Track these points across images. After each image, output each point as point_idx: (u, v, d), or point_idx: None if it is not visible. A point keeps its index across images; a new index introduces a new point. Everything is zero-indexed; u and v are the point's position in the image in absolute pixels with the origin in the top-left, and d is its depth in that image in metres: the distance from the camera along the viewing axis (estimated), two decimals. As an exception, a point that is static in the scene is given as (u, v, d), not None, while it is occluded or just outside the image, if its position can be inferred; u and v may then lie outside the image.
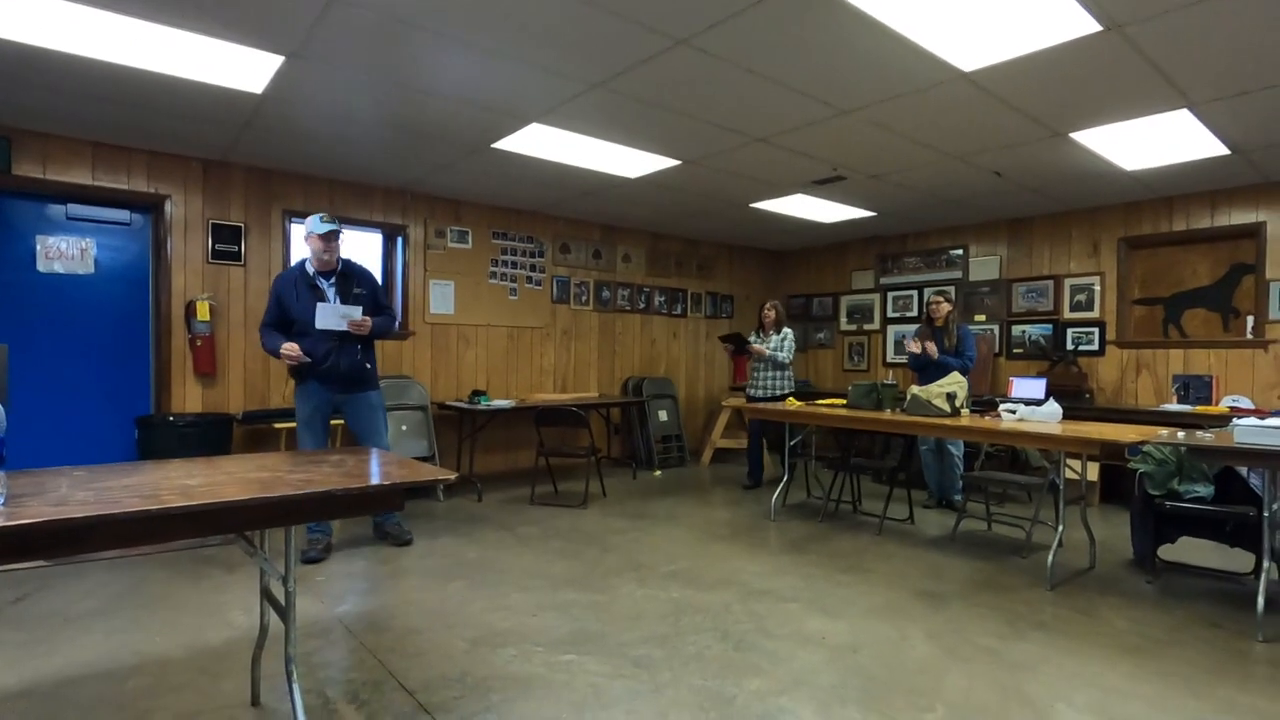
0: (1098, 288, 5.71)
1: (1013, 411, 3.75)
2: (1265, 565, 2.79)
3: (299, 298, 3.52)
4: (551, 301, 6.38)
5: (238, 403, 4.70)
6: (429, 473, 1.98)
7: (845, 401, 4.59)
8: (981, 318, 6.40)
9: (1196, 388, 5.11)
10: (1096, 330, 5.70)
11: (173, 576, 3.26)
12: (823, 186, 5.16)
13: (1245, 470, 3.17)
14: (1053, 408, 3.65)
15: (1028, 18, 2.63)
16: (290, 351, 3.42)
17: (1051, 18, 2.63)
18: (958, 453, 4.78)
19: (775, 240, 7.60)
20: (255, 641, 2.13)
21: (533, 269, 6.23)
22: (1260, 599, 2.73)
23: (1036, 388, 5.38)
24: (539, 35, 2.82)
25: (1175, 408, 4.97)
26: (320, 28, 2.76)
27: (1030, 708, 2.13)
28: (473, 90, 3.40)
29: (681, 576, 3.36)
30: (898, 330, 7.06)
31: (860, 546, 3.93)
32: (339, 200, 5.12)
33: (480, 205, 5.86)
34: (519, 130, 3.96)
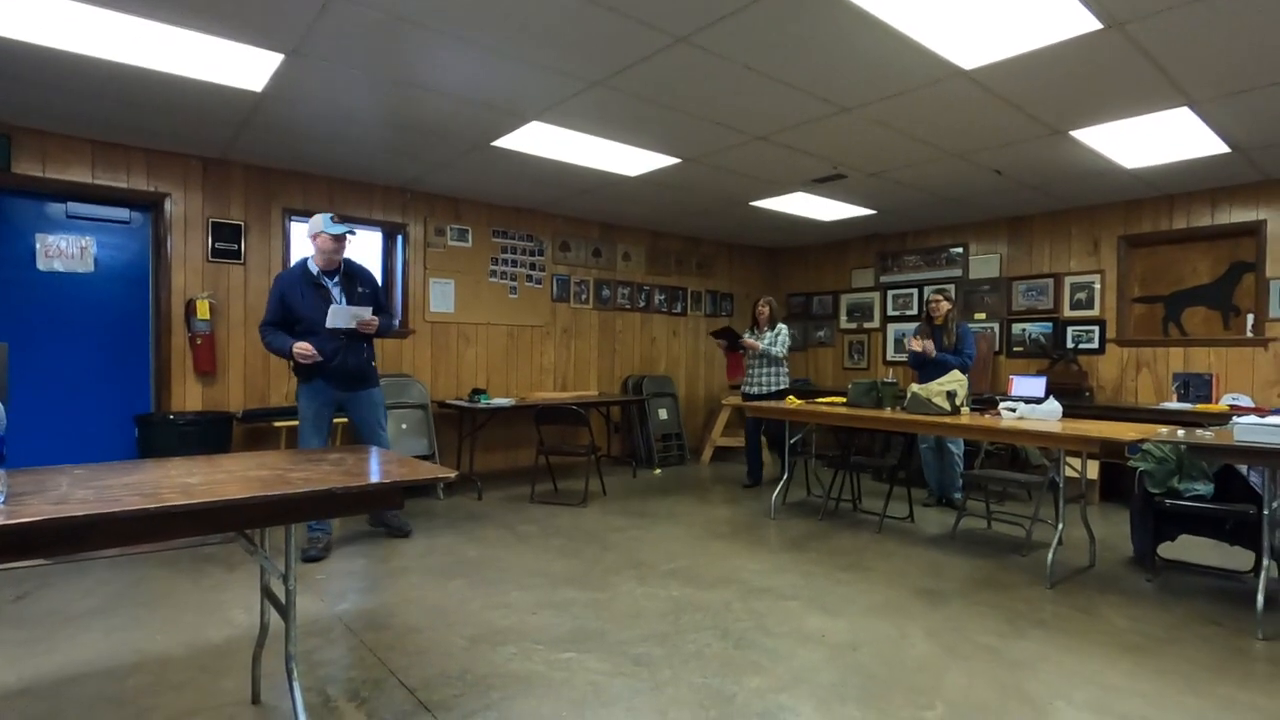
0: (1098, 286, 5.71)
1: (1013, 410, 3.75)
2: (1265, 563, 2.79)
3: (304, 297, 3.53)
4: (551, 300, 6.37)
5: (238, 401, 4.70)
6: (429, 471, 1.98)
7: (845, 400, 4.59)
8: (981, 316, 6.40)
9: (1196, 386, 5.11)
10: (1096, 328, 5.70)
11: (173, 575, 3.27)
12: (823, 184, 5.15)
13: (1245, 468, 3.17)
14: (1053, 406, 3.66)
15: (1028, 15, 2.63)
16: (306, 351, 3.44)
17: (1052, 15, 2.63)
18: (958, 451, 4.78)
19: (775, 238, 7.59)
20: (256, 639, 2.13)
21: (533, 267, 6.22)
22: (1260, 597, 2.74)
23: (1036, 386, 5.38)
24: (539, 33, 2.82)
25: (1175, 406, 4.97)
26: (320, 26, 2.76)
27: (1030, 705, 2.13)
28: (472, 88, 3.39)
29: (681, 574, 3.36)
30: (898, 329, 7.06)
31: (860, 545, 3.93)
32: (339, 198, 5.12)
33: (480, 203, 5.86)
34: (519, 128, 3.95)
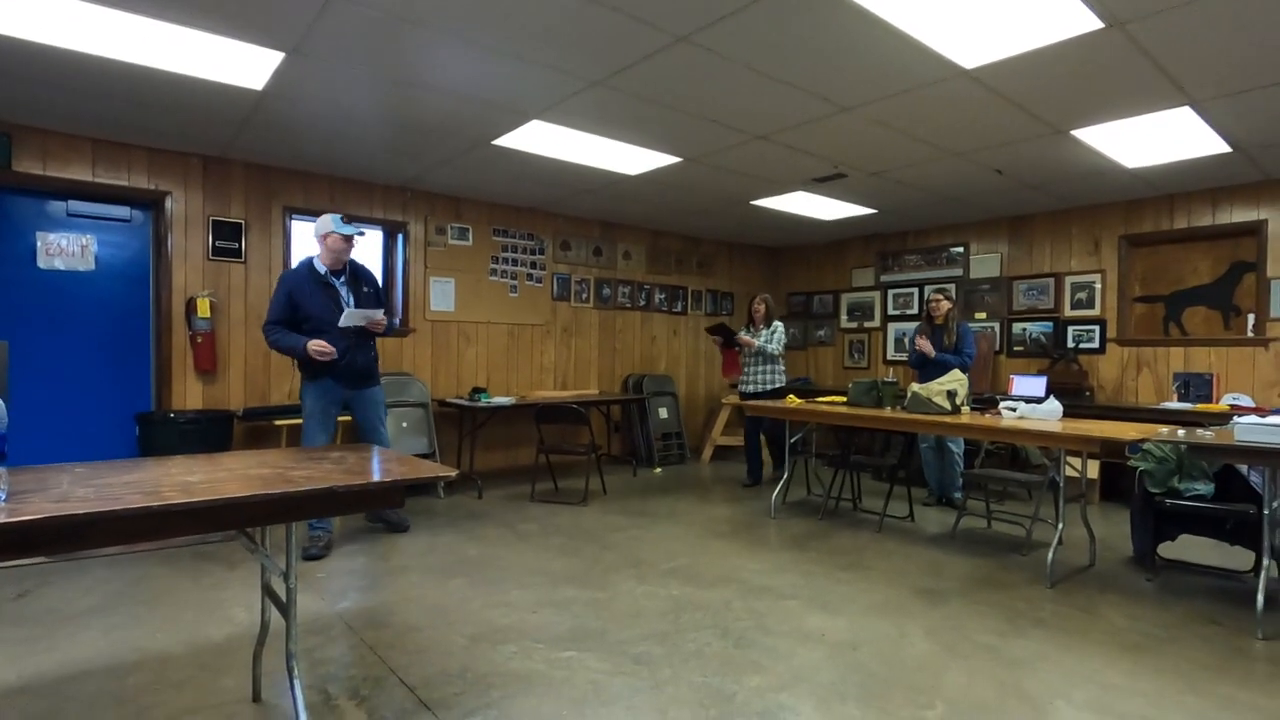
0: (1098, 285, 5.70)
1: (1013, 409, 3.75)
2: (1265, 563, 2.79)
3: (313, 296, 3.56)
4: (552, 299, 6.37)
5: (238, 399, 4.70)
6: (429, 470, 1.98)
7: (845, 399, 4.59)
8: (982, 315, 6.40)
9: (1197, 386, 5.10)
10: (1097, 328, 5.70)
11: (173, 573, 3.27)
12: (823, 184, 5.15)
13: (1245, 468, 3.17)
14: (1053, 405, 3.65)
15: (1030, 15, 2.63)
16: (325, 348, 3.47)
17: (1053, 15, 2.62)
18: (958, 450, 4.78)
19: (775, 237, 7.59)
20: (256, 638, 2.13)
21: (533, 266, 6.22)
22: (1260, 596, 2.74)
23: (1037, 385, 5.38)
24: (539, 32, 2.82)
25: (1176, 406, 4.97)
26: (320, 24, 2.76)
27: (1029, 704, 2.13)
28: (473, 87, 3.39)
29: (681, 574, 3.37)
30: (898, 328, 7.06)
31: (860, 544, 3.93)
32: (339, 197, 5.12)
33: (481, 202, 5.86)
34: (519, 127, 3.95)
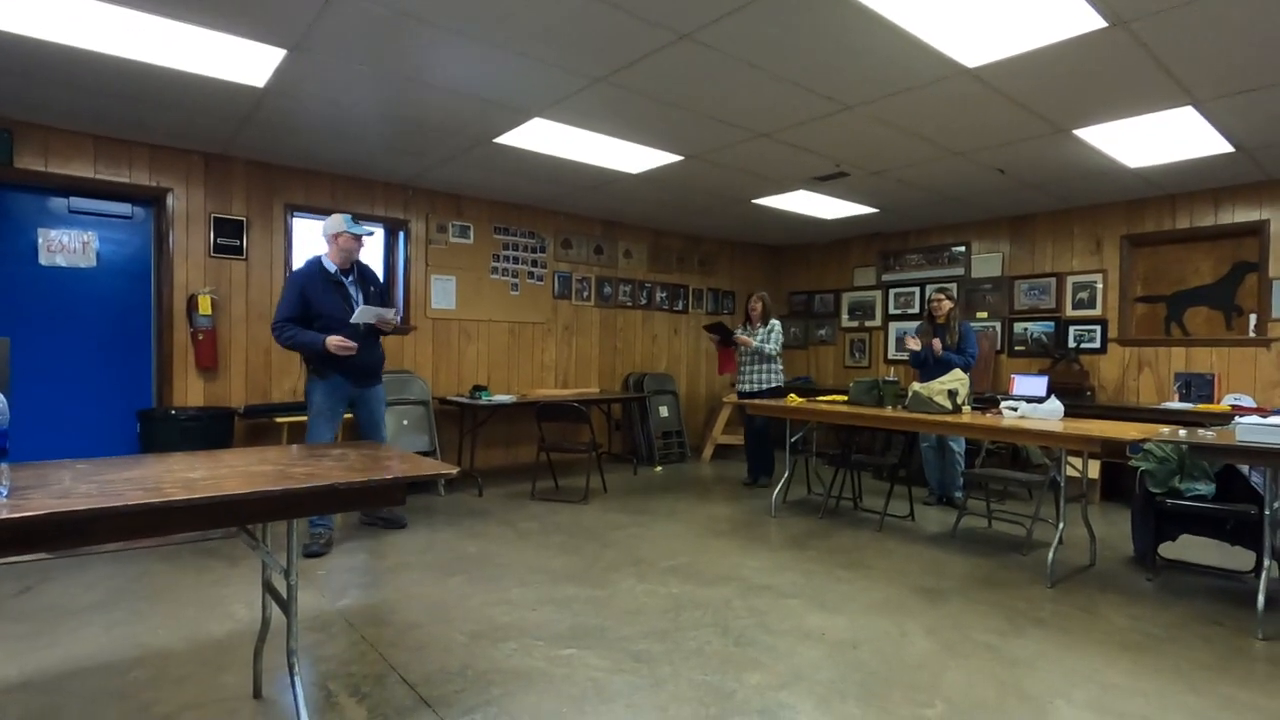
0: (1100, 285, 5.70)
1: (1014, 409, 3.75)
2: (1266, 563, 2.79)
3: (324, 294, 3.61)
4: (553, 297, 6.37)
5: (239, 397, 4.70)
6: (430, 467, 1.98)
7: (846, 398, 4.59)
8: (984, 315, 6.39)
9: (1198, 386, 5.10)
10: (1098, 328, 5.69)
11: (175, 570, 3.27)
12: (825, 183, 5.15)
13: (1246, 468, 3.17)
14: (1054, 405, 3.65)
15: (1033, 13, 2.62)
16: (346, 344, 3.51)
17: (1056, 14, 2.62)
18: (959, 450, 4.78)
19: (777, 236, 7.59)
20: (257, 634, 2.13)
21: (534, 264, 6.22)
22: (1260, 597, 2.73)
23: (1038, 385, 5.38)
24: (541, 29, 2.81)
25: (1177, 406, 4.96)
26: (322, 21, 2.76)
27: (1029, 704, 2.13)
28: (475, 85, 3.39)
29: (682, 572, 3.37)
30: (899, 327, 7.05)
31: (860, 543, 3.93)
32: (341, 194, 5.12)
33: (482, 200, 5.85)
34: (521, 125, 3.95)
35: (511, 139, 4.19)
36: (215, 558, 3.44)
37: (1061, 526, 3.38)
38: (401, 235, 5.49)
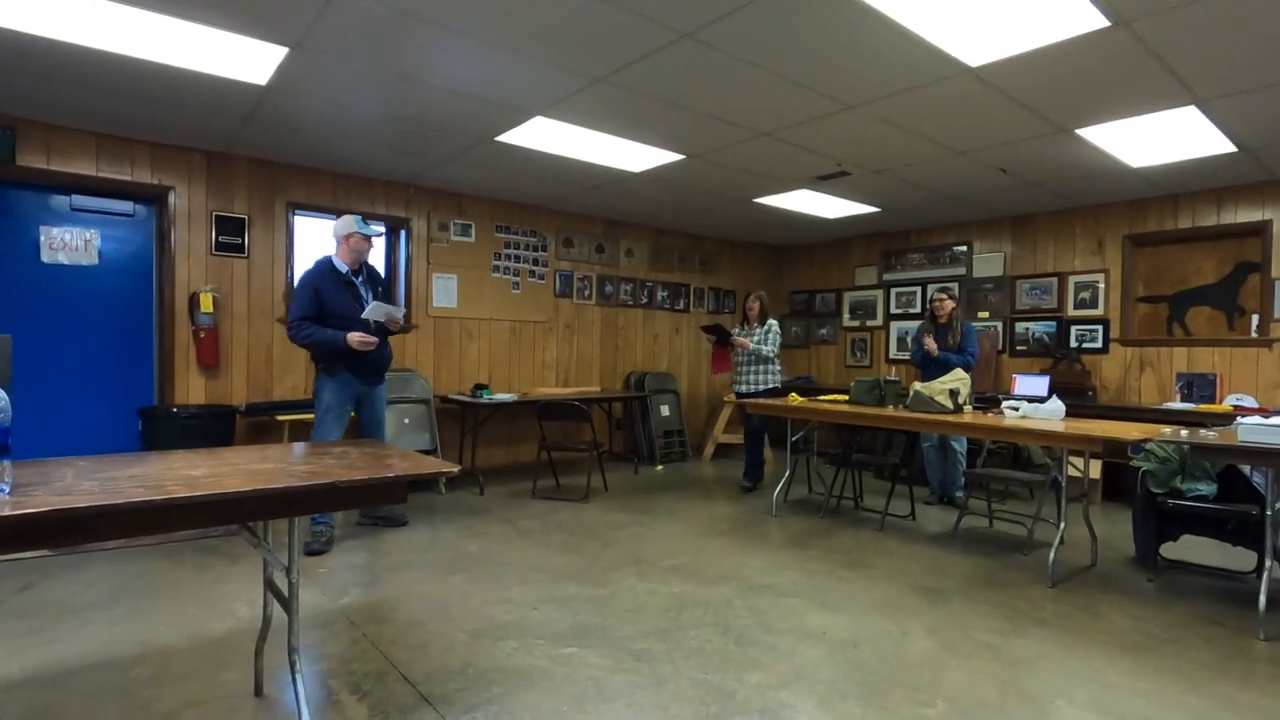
0: (1102, 285, 5.69)
1: (1015, 408, 3.75)
2: (1267, 564, 2.79)
3: (337, 294, 3.64)
4: (554, 295, 6.37)
5: (240, 395, 4.71)
6: (431, 466, 1.98)
7: (848, 397, 4.59)
8: (985, 314, 6.39)
9: (1200, 386, 5.09)
10: (1100, 328, 5.68)
11: (176, 567, 3.28)
12: (826, 182, 5.14)
13: (1248, 469, 3.16)
14: (1056, 405, 3.65)
15: (1035, 13, 2.62)
16: (367, 338, 3.56)
17: (1059, 13, 2.61)
18: (961, 449, 4.78)
19: (778, 236, 7.58)
20: (258, 632, 2.14)
21: (536, 263, 6.22)
22: (1262, 597, 2.73)
23: (1040, 385, 5.38)
24: (543, 28, 2.81)
25: (1178, 406, 4.96)
26: (324, 20, 2.76)
27: (1030, 704, 2.13)
28: (476, 84, 3.39)
29: (683, 571, 3.37)
30: (900, 326, 7.05)
31: (861, 542, 3.93)
32: (342, 193, 5.12)
33: (483, 199, 5.85)
34: (522, 124, 3.95)
35: (513, 138, 4.19)
36: (216, 555, 3.45)
37: (1063, 526, 3.38)
38: (403, 234, 5.49)
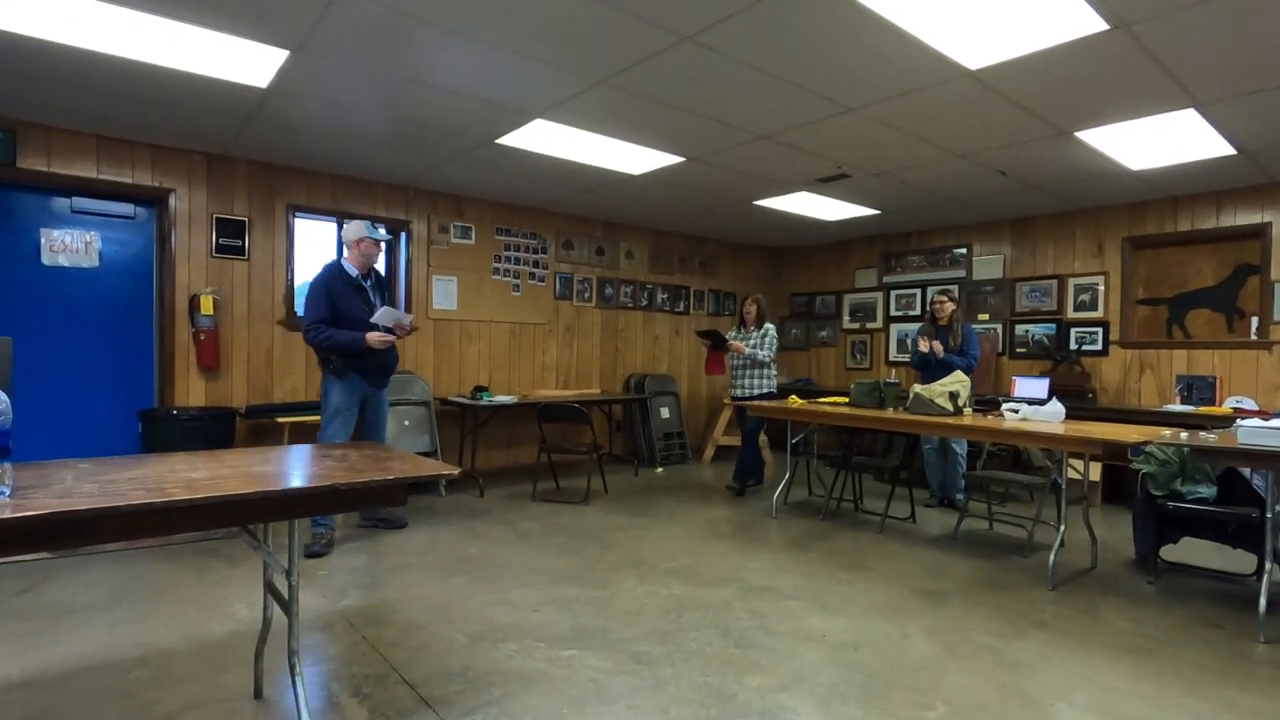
0: (1102, 288, 5.69)
1: (1015, 411, 3.75)
2: (1267, 567, 2.79)
3: (348, 297, 3.69)
4: (554, 298, 6.38)
5: (241, 397, 4.71)
6: (431, 468, 1.98)
7: (848, 400, 4.59)
8: (985, 317, 6.39)
9: (1200, 388, 5.10)
10: (1100, 330, 5.69)
11: (176, 569, 3.28)
12: (826, 184, 5.15)
13: (1248, 471, 3.16)
14: (1055, 407, 3.65)
15: (1035, 16, 2.62)
16: (385, 338, 3.63)
17: (1059, 16, 2.62)
18: (961, 452, 4.78)
19: (778, 238, 7.59)
20: (258, 634, 2.14)
21: (536, 265, 6.22)
22: (1262, 600, 2.73)
23: (1039, 387, 5.38)
24: (544, 31, 2.82)
25: (1178, 408, 4.96)
26: (325, 22, 2.76)
27: (1030, 706, 2.13)
28: (477, 86, 3.39)
29: (683, 573, 3.37)
30: (900, 329, 7.05)
31: (861, 545, 3.93)
32: (342, 195, 5.12)
33: (483, 201, 5.86)
34: (523, 126, 3.95)
35: (513, 140, 4.20)
36: (216, 558, 3.45)
37: (1063, 529, 3.38)
38: (403, 236, 5.50)
